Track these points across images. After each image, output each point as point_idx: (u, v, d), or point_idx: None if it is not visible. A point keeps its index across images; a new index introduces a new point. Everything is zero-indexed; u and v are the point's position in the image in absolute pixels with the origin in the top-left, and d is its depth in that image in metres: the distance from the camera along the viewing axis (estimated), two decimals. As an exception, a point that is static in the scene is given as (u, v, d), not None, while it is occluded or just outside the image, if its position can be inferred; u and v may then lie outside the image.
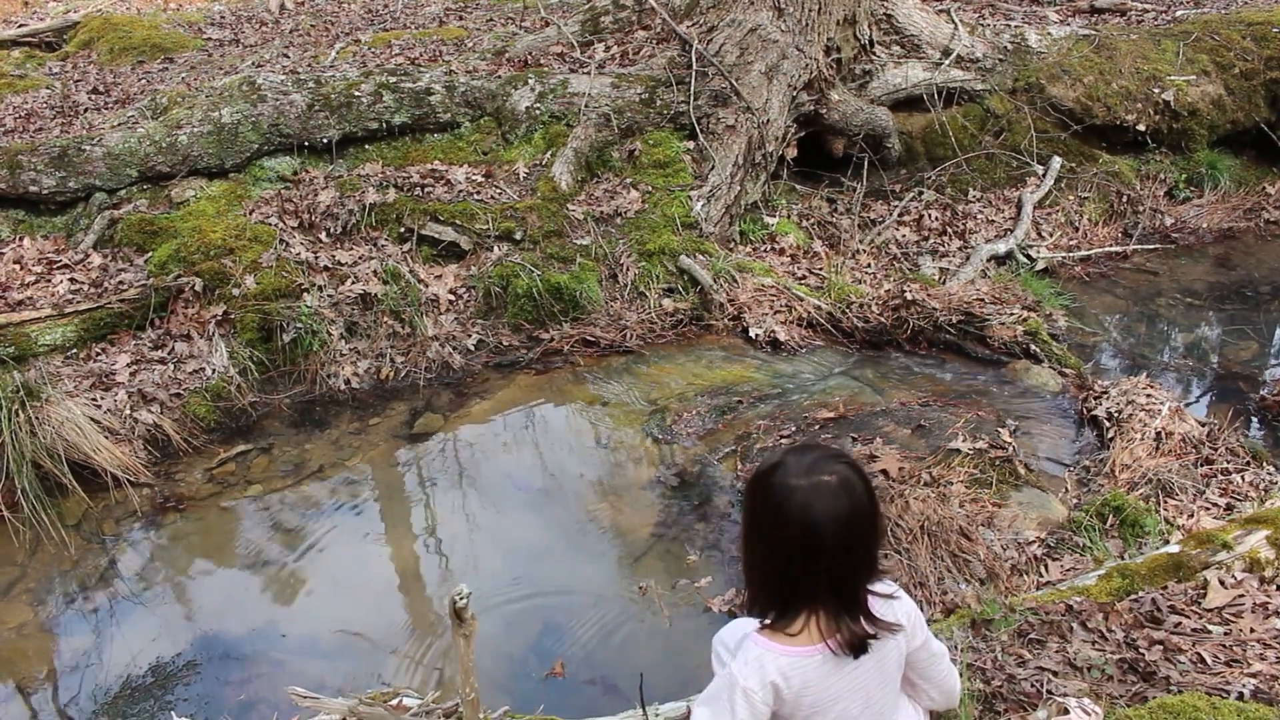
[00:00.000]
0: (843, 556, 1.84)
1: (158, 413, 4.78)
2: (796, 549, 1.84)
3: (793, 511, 1.82)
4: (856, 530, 1.84)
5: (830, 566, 1.85)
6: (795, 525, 1.82)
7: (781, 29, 6.58)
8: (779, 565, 1.89)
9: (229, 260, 5.39)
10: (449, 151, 6.43)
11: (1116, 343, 5.76)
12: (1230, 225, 7.10)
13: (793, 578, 1.88)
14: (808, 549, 1.83)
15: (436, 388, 5.22)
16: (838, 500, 1.82)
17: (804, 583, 1.87)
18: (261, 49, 8.67)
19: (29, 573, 4.03)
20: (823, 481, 1.82)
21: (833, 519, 1.81)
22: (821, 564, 1.84)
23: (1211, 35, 7.69)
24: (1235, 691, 2.51)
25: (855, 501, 1.83)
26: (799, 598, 1.89)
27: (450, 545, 4.16)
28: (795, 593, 1.89)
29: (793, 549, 1.85)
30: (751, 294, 5.63)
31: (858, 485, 1.85)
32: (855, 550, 1.85)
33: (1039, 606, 2.94)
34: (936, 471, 4.06)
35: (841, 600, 1.87)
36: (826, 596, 1.87)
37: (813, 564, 1.84)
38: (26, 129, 6.80)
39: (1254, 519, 3.30)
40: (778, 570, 1.90)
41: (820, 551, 1.83)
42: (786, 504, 1.83)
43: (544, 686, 3.34)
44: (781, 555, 1.87)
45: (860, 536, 1.86)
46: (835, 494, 1.82)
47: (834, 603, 1.87)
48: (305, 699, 2.70)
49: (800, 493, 1.82)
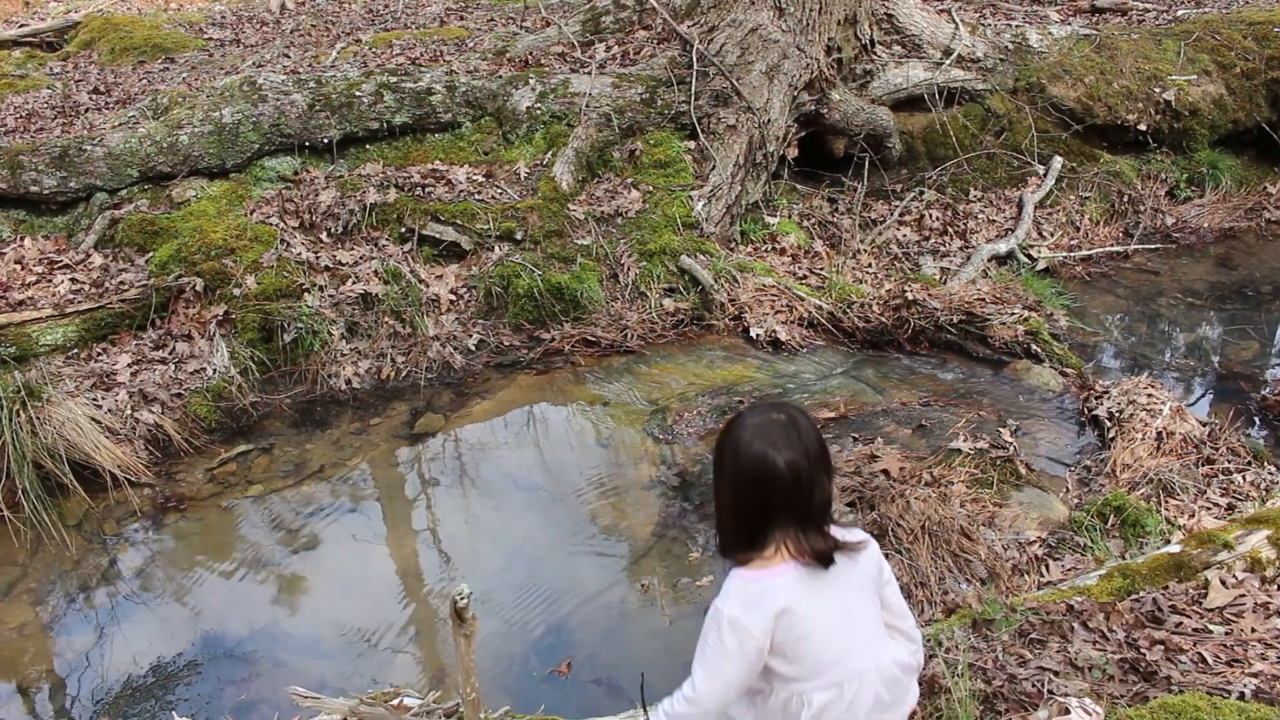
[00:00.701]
0: (795, 484, 2.06)
1: (159, 413, 4.78)
2: (753, 479, 2.07)
3: (744, 445, 2.08)
4: (806, 461, 2.06)
5: (786, 494, 2.06)
6: (749, 457, 2.07)
7: (782, 29, 6.58)
8: (742, 499, 2.11)
9: (230, 260, 5.39)
10: (450, 151, 6.43)
11: (1117, 342, 5.76)
12: (1231, 225, 7.10)
13: (755, 510, 2.09)
14: (763, 477, 2.06)
15: (437, 388, 5.22)
16: (786, 433, 2.07)
17: (765, 512, 2.08)
18: (262, 49, 8.67)
19: (30, 572, 4.03)
20: (772, 419, 2.10)
21: (782, 449, 2.05)
22: (777, 491, 2.06)
23: (1212, 35, 7.69)
24: (1236, 691, 2.51)
25: (803, 436, 2.08)
26: (764, 527, 2.09)
27: (451, 545, 4.16)
28: (760, 523, 2.09)
29: (750, 479, 2.08)
30: (752, 294, 5.63)
31: (803, 424, 2.10)
32: (804, 479, 2.07)
33: (1040, 606, 2.94)
34: (937, 471, 4.06)
35: (800, 524, 2.08)
36: (787, 522, 2.08)
37: (770, 491, 2.07)
38: (27, 129, 6.80)
39: (1255, 519, 3.29)
40: (742, 504, 2.11)
41: (774, 477, 2.05)
42: (741, 441, 2.09)
43: (545, 686, 3.34)
44: (743, 489, 2.10)
45: (810, 468, 2.07)
46: (784, 428, 2.07)
47: (795, 526, 2.08)
48: (306, 699, 2.70)
49: (751, 429, 2.09)
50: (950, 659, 2.69)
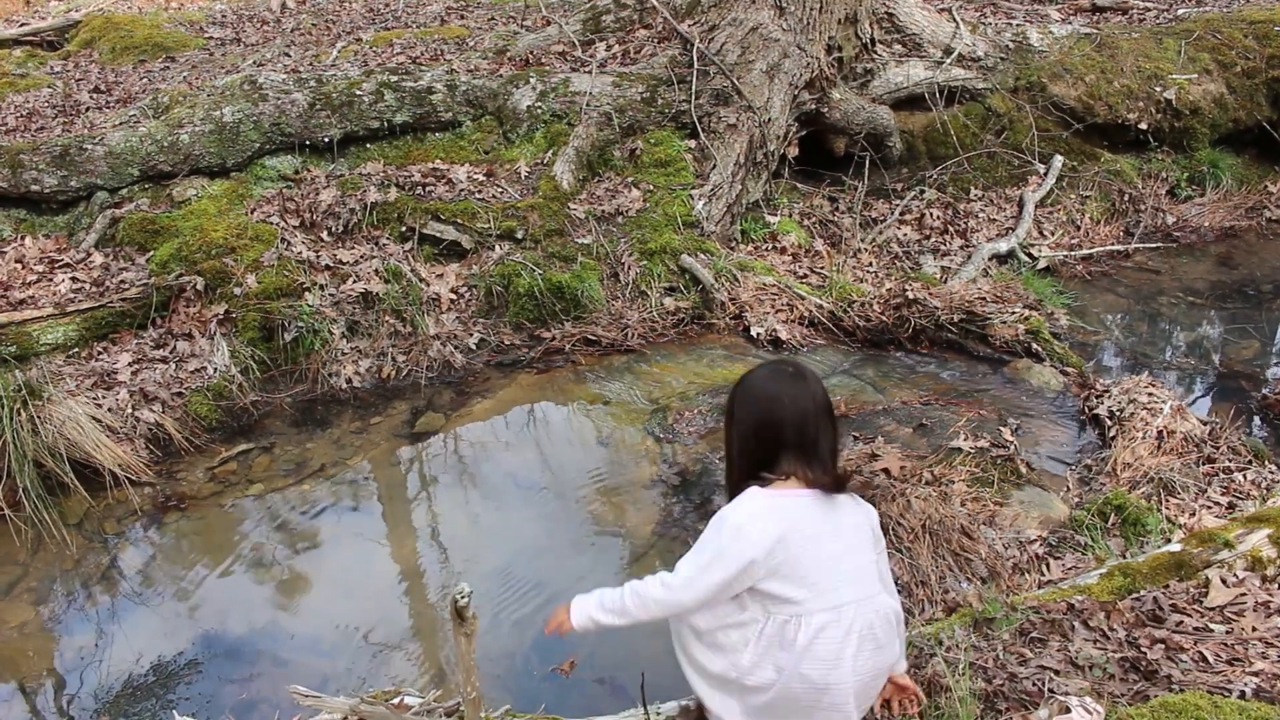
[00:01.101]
0: (802, 424, 2.22)
1: (159, 412, 4.78)
2: (763, 420, 2.25)
3: (756, 389, 2.29)
4: (812, 405, 2.23)
5: (795, 431, 2.22)
6: (759, 400, 2.27)
7: (783, 28, 6.57)
8: (753, 439, 2.27)
9: (230, 259, 5.39)
10: (450, 150, 6.43)
11: (1118, 341, 5.76)
12: (1232, 224, 7.10)
13: (764, 447, 2.25)
14: (772, 418, 2.24)
15: (438, 387, 5.22)
16: (794, 382, 2.26)
17: (774, 449, 2.24)
18: (263, 48, 8.67)
19: (31, 571, 4.03)
20: (781, 369, 2.32)
21: (790, 394, 2.24)
22: (786, 428, 2.22)
23: (1213, 34, 7.69)
24: (1237, 690, 2.51)
25: (809, 385, 2.26)
26: (772, 463, 2.24)
27: (452, 544, 4.16)
28: (769, 459, 2.24)
29: (760, 421, 2.26)
30: (753, 293, 5.63)
31: (810, 377, 2.28)
32: (810, 421, 2.22)
33: (1040, 605, 2.94)
34: (938, 470, 4.06)
35: (808, 460, 2.23)
36: (796, 458, 2.23)
37: (779, 430, 2.23)
38: (28, 128, 6.80)
39: (1256, 517, 3.29)
40: (752, 445, 2.27)
41: (783, 416, 2.23)
42: (752, 386, 2.30)
43: (545, 684, 3.34)
44: (754, 429, 2.27)
45: (816, 412, 2.24)
46: (792, 377, 2.27)
47: (803, 461, 2.23)
48: (307, 697, 2.70)
49: (762, 377, 2.31)
50: (951, 658, 2.69)
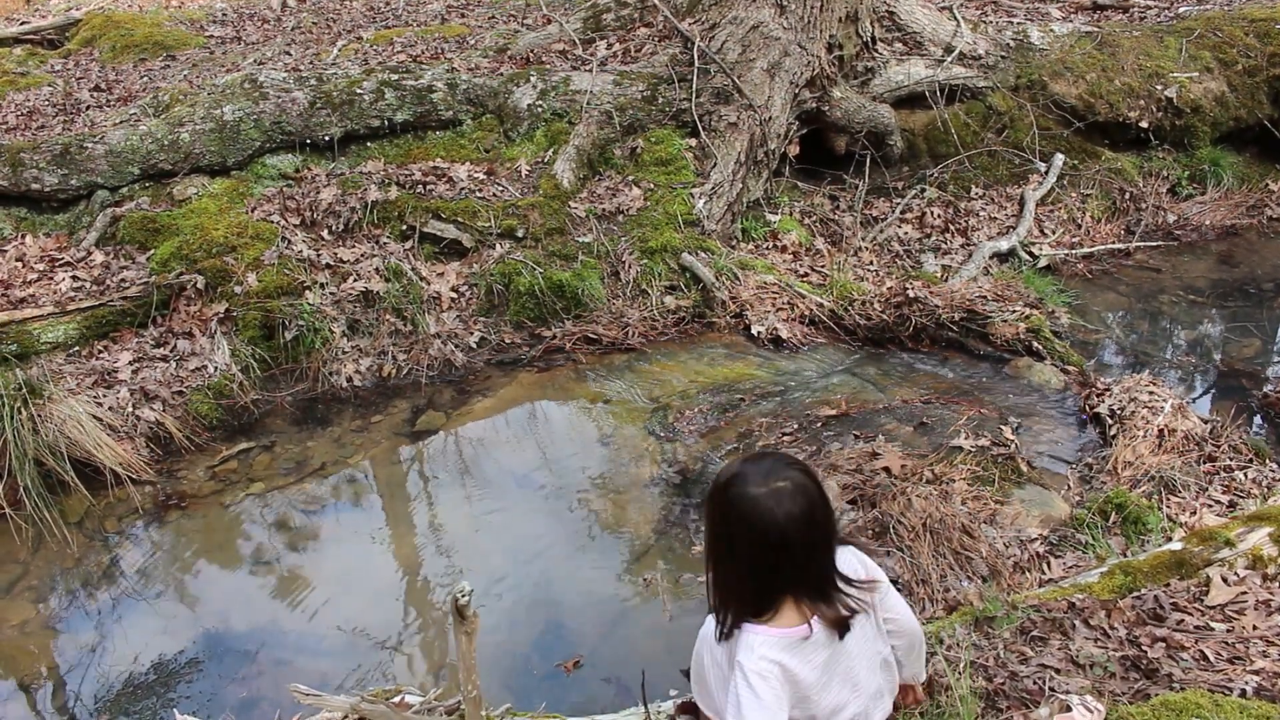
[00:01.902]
0: (806, 551, 2.04)
1: (160, 410, 4.78)
2: (765, 550, 2.03)
3: (757, 520, 2.00)
4: (815, 525, 2.04)
5: (798, 561, 2.04)
6: (760, 532, 2.01)
7: (783, 26, 6.57)
8: (750, 567, 2.06)
9: (231, 258, 5.39)
10: (451, 149, 6.43)
11: (1119, 340, 5.75)
12: (1233, 222, 7.09)
13: (763, 579, 2.06)
14: (776, 549, 2.02)
15: (438, 385, 5.22)
16: (795, 502, 2.00)
17: (774, 580, 2.06)
18: (263, 46, 8.67)
19: (31, 570, 4.04)
20: (780, 487, 2.01)
21: (794, 520, 2.00)
22: (789, 560, 2.04)
23: (1214, 32, 7.68)
24: (1238, 689, 2.50)
25: (810, 500, 2.03)
26: (773, 593, 2.07)
27: (452, 543, 4.16)
28: (769, 589, 2.07)
29: (761, 551, 2.03)
30: (754, 291, 5.63)
31: (810, 486, 2.04)
32: (817, 543, 2.06)
33: (1041, 604, 2.94)
34: (939, 469, 4.06)
35: (813, 587, 2.07)
36: (798, 588, 2.06)
37: (782, 561, 2.04)
38: (29, 127, 6.80)
39: (1256, 516, 3.29)
40: (750, 573, 2.07)
41: (786, 548, 2.02)
42: (751, 511, 2.01)
43: (546, 683, 3.34)
44: (752, 558, 2.05)
45: (819, 530, 2.05)
46: (793, 496, 2.00)
47: (808, 591, 2.07)
48: (307, 696, 2.70)
49: (762, 500, 2.00)
50: (951, 656, 2.69)
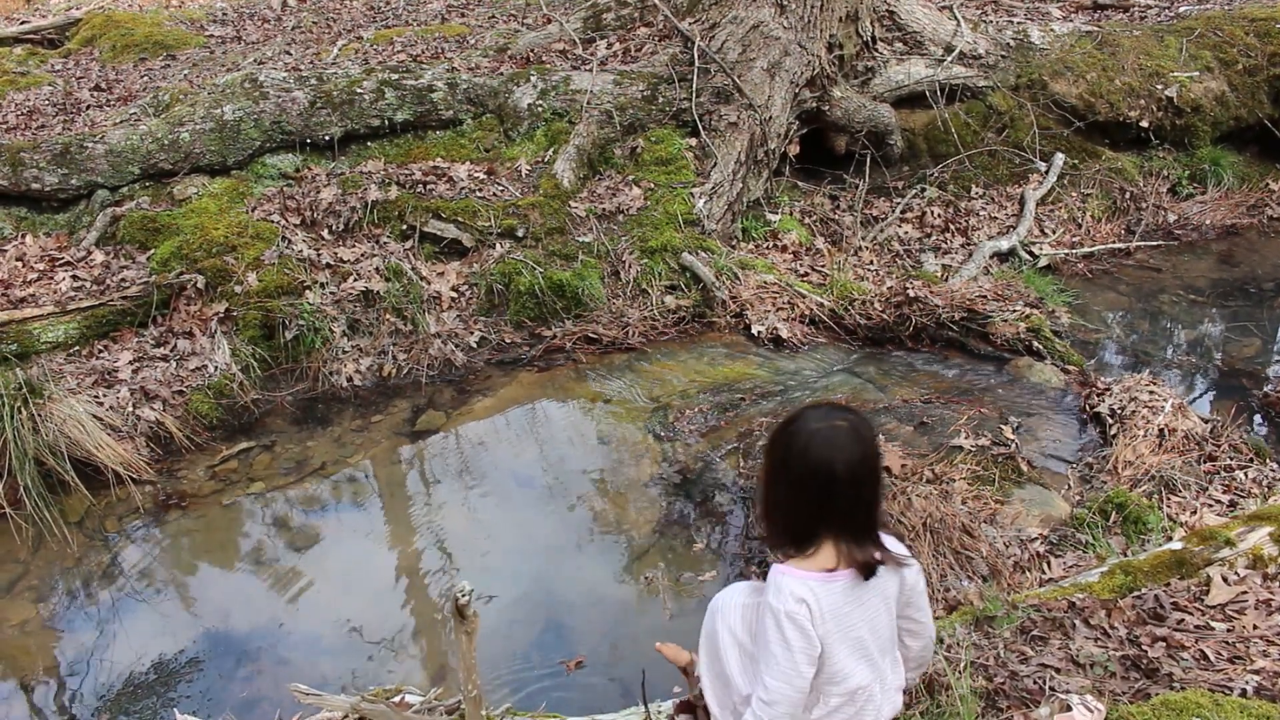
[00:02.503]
0: (853, 491, 2.11)
1: (160, 410, 4.78)
2: (814, 483, 2.12)
3: (812, 450, 2.11)
4: (865, 470, 2.12)
5: (842, 500, 2.12)
6: (813, 462, 2.11)
7: (784, 26, 6.57)
8: (798, 500, 2.16)
9: (231, 258, 5.39)
10: (451, 149, 6.42)
11: (1119, 340, 5.75)
12: (1233, 222, 7.09)
13: (810, 511, 2.15)
14: (824, 482, 2.10)
15: (439, 385, 5.22)
16: (850, 442, 2.11)
17: (820, 515, 2.14)
18: (263, 46, 8.67)
19: (32, 570, 4.04)
20: (837, 425, 2.13)
21: (845, 457, 2.09)
22: (835, 497, 2.11)
23: (1214, 31, 7.68)
24: (1238, 688, 2.50)
25: (864, 445, 2.12)
26: (816, 528, 2.15)
27: (452, 542, 4.16)
28: (812, 524, 2.15)
29: (810, 483, 2.12)
30: (754, 291, 5.63)
31: (866, 433, 2.15)
32: (863, 487, 2.13)
33: (1041, 603, 2.93)
34: (939, 469, 4.06)
35: (853, 530, 2.14)
36: (840, 528, 2.14)
37: (827, 497, 2.12)
38: (29, 126, 6.80)
39: (1257, 515, 3.29)
40: (797, 505, 2.17)
41: (834, 483, 2.10)
42: (807, 445, 2.12)
43: (546, 683, 3.34)
44: (801, 490, 2.15)
45: (868, 476, 2.13)
46: (849, 436, 2.11)
47: (847, 533, 2.14)
48: (308, 696, 2.70)
49: (819, 435, 2.12)
50: (952, 656, 2.69)
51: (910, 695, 2.52)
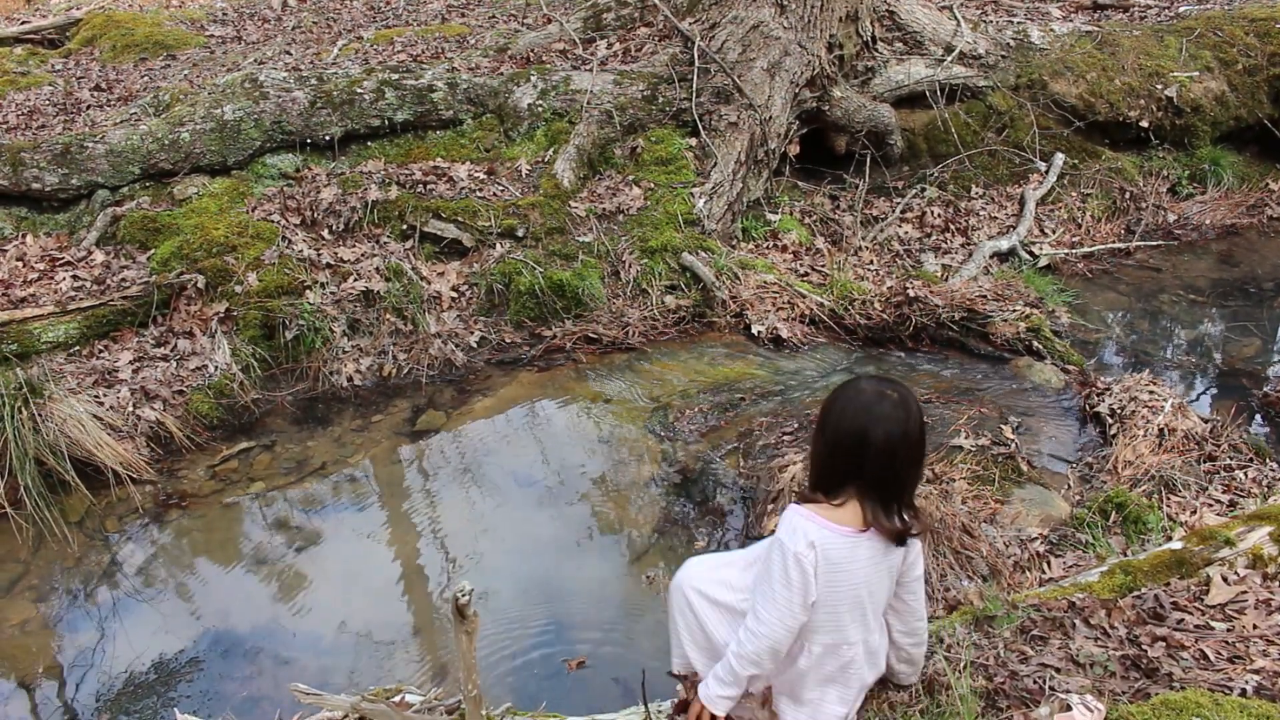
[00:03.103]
0: (886, 460, 2.18)
1: (160, 410, 4.78)
2: (849, 442, 2.20)
3: (851, 408, 2.22)
4: (903, 443, 2.18)
5: (873, 465, 2.19)
6: (851, 419, 2.20)
7: (784, 26, 6.57)
8: (833, 455, 2.24)
9: (231, 257, 5.39)
10: (451, 149, 6.43)
11: (1119, 339, 5.75)
12: (1233, 222, 7.09)
13: (843, 468, 2.23)
14: (857, 444, 2.19)
15: (439, 385, 5.22)
16: (893, 410, 2.18)
17: (850, 473, 2.22)
18: (264, 46, 8.67)
19: (32, 569, 4.04)
20: (885, 394, 2.21)
21: (885, 426, 2.16)
22: (867, 461, 2.18)
23: (1214, 31, 7.68)
24: (1238, 688, 2.50)
25: (907, 417, 2.18)
26: (846, 484, 2.23)
27: (452, 542, 4.16)
28: (845, 480, 2.23)
29: (846, 441, 2.21)
30: (754, 291, 5.63)
31: (913, 409, 2.21)
32: (898, 458, 2.19)
33: (1041, 603, 2.93)
34: (939, 468, 4.06)
35: (882, 496, 2.21)
36: (869, 490, 2.21)
37: (859, 459, 2.19)
38: (29, 126, 6.80)
39: (1257, 515, 3.29)
40: (833, 459, 2.25)
41: (866, 447, 2.17)
42: (850, 403, 2.23)
43: (546, 682, 3.35)
44: (837, 444, 2.23)
45: (906, 449, 2.19)
46: (894, 405, 2.19)
47: (876, 497, 2.21)
48: (308, 695, 2.70)
49: (863, 399, 2.22)
50: (952, 655, 2.69)
51: (910, 695, 2.52)
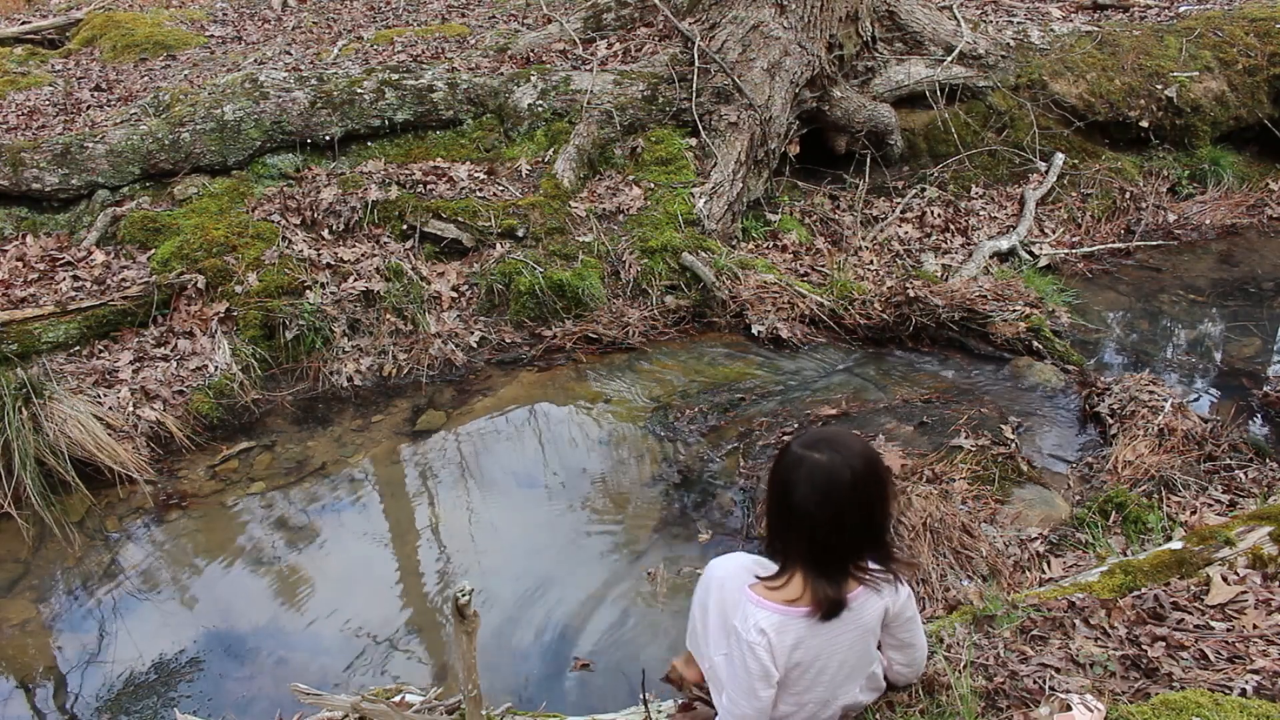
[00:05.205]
0: (809, 529, 2.10)
1: (160, 410, 4.78)
2: (778, 509, 2.16)
3: (781, 472, 2.14)
4: (835, 507, 2.08)
5: (801, 535, 2.12)
6: (775, 489, 2.15)
7: (784, 26, 6.57)
8: (770, 523, 2.21)
9: (232, 257, 5.39)
10: (451, 149, 6.43)
11: (1119, 339, 5.75)
12: (1233, 221, 7.09)
13: (779, 536, 2.18)
14: (785, 512, 2.14)
15: (439, 385, 5.23)
16: (821, 477, 2.07)
17: (786, 543, 2.16)
18: (264, 46, 8.67)
19: (33, 569, 4.04)
20: (814, 458, 2.08)
21: (808, 490, 2.08)
22: (795, 530, 2.12)
23: (1214, 31, 7.68)
24: (1238, 688, 2.50)
25: (835, 483, 2.06)
26: (785, 555, 2.18)
27: (453, 542, 4.16)
28: (783, 549, 2.18)
29: (774, 509, 2.17)
30: (754, 291, 5.63)
31: (844, 474, 2.07)
32: (819, 522, 2.09)
33: (1041, 603, 2.94)
34: (939, 468, 4.06)
35: (817, 567, 2.12)
36: (806, 559, 2.13)
37: (788, 528, 2.14)
38: (29, 126, 6.80)
39: (1257, 515, 3.29)
40: (771, 528, 2.21)
41: (792, 516, 2.11)
42: (781, 464, 2.15)
43: (546, 683, 3.35)
44: (772, 508, 2.19)
45: (830, 511, 2.08)
46: (822, 470, 2.07)
47: (813, 567, 2.13)
48: (308, 695, 2.70)
49: (791, 459, 2.11)
50: (952, 655, 2.69)
51: (910, 695, 2.52)
